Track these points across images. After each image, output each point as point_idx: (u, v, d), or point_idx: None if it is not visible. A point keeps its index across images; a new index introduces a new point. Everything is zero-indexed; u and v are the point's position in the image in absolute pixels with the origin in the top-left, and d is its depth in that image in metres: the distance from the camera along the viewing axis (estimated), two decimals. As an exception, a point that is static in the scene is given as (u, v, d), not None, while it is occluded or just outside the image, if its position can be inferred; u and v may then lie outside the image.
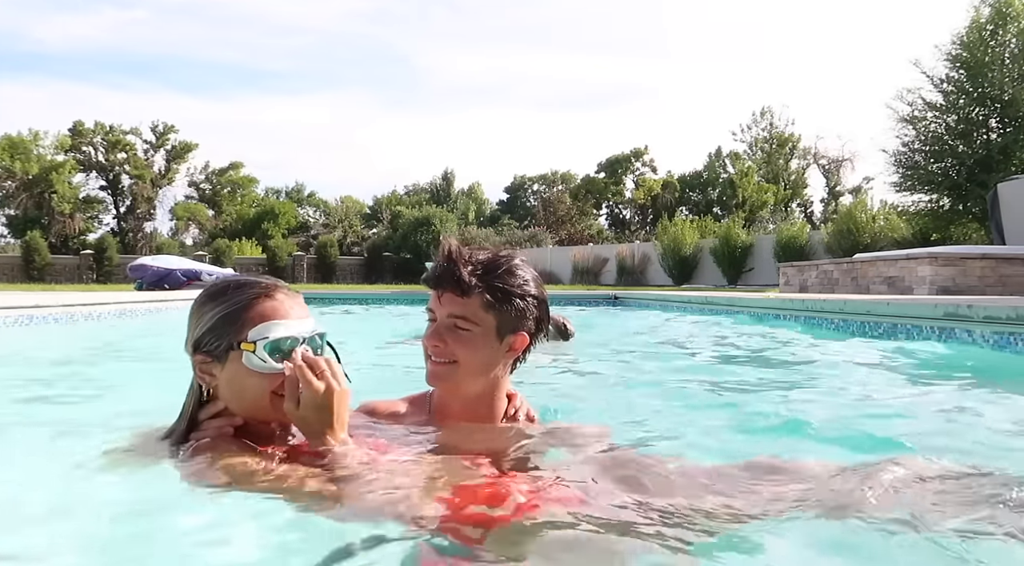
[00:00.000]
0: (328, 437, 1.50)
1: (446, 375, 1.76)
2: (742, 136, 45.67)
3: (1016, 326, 4.35)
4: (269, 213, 41.82)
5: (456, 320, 1.73)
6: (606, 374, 4.10)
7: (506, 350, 1.78)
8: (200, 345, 1.56)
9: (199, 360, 1.57)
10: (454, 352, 1.73)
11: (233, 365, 1.54)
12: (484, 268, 1.74)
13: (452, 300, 1.73)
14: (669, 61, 76.42)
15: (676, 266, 24.16)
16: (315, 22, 70.22)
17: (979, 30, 17.90)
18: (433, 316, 1.77)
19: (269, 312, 1.55)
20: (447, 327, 1.73)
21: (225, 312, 1.55)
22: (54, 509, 1.46)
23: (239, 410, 1.57)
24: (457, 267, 1.72)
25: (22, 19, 60.82)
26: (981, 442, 2.33)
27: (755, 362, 4.78)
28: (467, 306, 1.72)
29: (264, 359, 1.51)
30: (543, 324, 1.84)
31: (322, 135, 74.58)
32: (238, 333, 1.53)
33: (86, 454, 1.64)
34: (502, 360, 1.79)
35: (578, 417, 2.47)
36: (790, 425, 2.52)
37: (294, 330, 1.55)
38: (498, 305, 1.73)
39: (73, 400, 3.19)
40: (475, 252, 1.77)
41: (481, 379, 1.78)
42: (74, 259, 31.59)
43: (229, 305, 1.56)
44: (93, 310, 8.04)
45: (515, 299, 1.75)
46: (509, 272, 1.76)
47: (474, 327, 1.72)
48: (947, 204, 18.39)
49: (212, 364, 1.56)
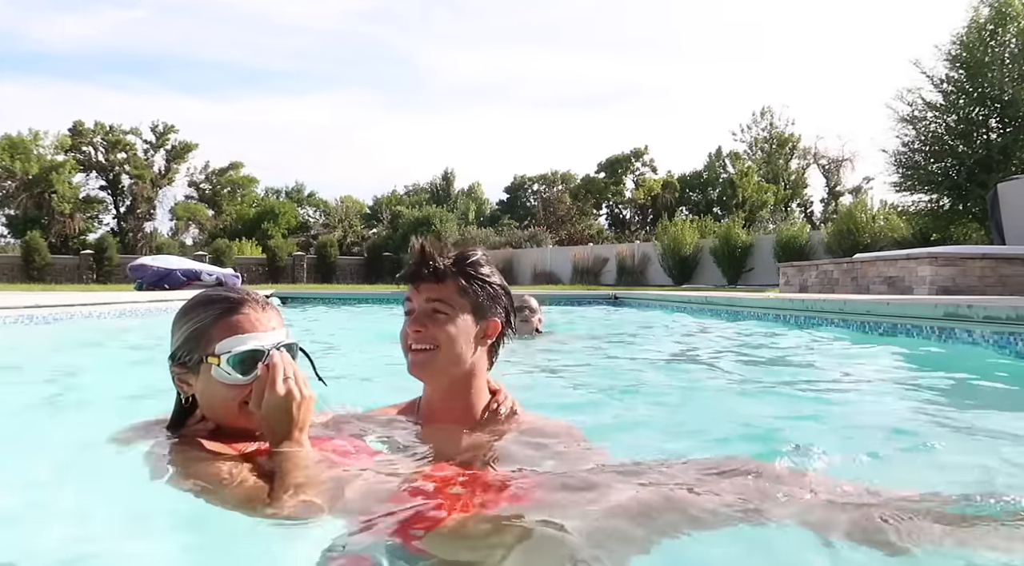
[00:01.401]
0: (286, 440, 1.59)
1: (427, 361, 1.86)
2: (742, 136, 45.70)
3: (1016, 326, 4.35)
4: (269, 213, 41.79)
5: (435, 303, 1.86)
6: (606, 374, 4.10)
7: (481, 335, 1.90)
8: (176, 357, 1.68)
9: (177, 371, 1.69)
10: (435, 336, 1.84)
11: (204, 376, 1.65)
12: (456, 258, 1.91)
13: (429, 287, 1.87)
14: (669, 61, 76.54)
15: (676, 266, 24.16)
16: (315, 22, 70.26)
17: (979, 30, 17.89)
18: (411, 306, 1.89)
19: (234, 326, 1.64)
20: (426, 313, 1.86)
21: (195, 327, 1.66)
22: (54, 511, 1.47)
23: (212, 417, 1.69)
24: (432, 257, 1.88)
25: (22, 19, 60.85)
26: (981, 442, 2.33)
27: (754, 362, 4.78)
28: (444, 290, 1.87)
29: (228, 372, 1.62)
30: (511, 315, 1.98)
31: (322, 135, 74.63)
32: (206, 347, 1.63)
33: (87, 453, 1.65)
34: (478, 346, 1.91)
35: (577, 417, 2.47)
36: (789, 425, 2.52)
37: (259, 343, 1.64)
38: (471, 288, 1.88)
39: (73, 400, 3.19)
40: (444, 247, 1.94)
41: (460, 365, 1.88)
42: (74, 259, 31.58)
43: (198, 320, 1.67)
44: (93, 310, 8.05)
45: (486, 285, 1.91)
46: (478, 263, 1.93)
47: (451, 310, 1.86)
48: (947, 204, 18.37)
49: (187, 374, 1.67)
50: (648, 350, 5.67)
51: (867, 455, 2.00)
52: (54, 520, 1.51)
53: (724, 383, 3.78)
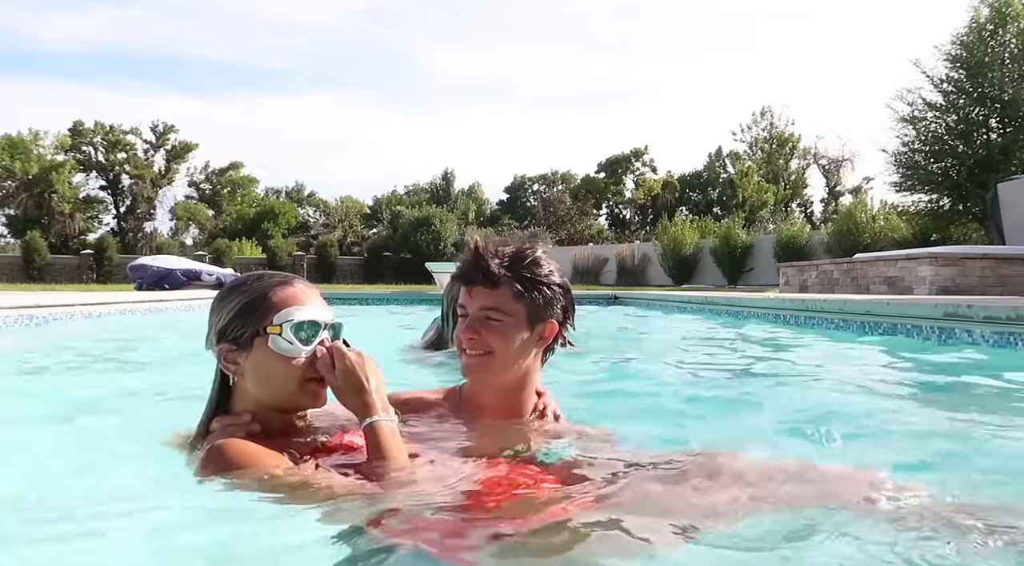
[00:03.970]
0: (366, 400, 1.57)
1: (481, 365, 1.81)
2: (742, 136, 45.68)
3: (1016, 326, 4.35)
4: (269, 213, 41.73)
5: (488, 312, 1.79)
6: (604, 374, 4.10)
7: (537, 338, 1.85)
8: (225, 334, 1.62)
9: (224, 349, 1.62)
10: (488, 343, 1.79)
11: (259, 351, 1.59)
12: (511, 260, 1.81)
13: (482, 293, 1.79)
14: (669, 61, 76.51)
15: (676, 266, 24.16)
16: (315, 21, 70.19)
17: (979, 30, 17.89)
18: (465, 311, 1.83)
19: (291, 298, 1.62)
20: (480, 320, 1.79)
21: (248, 298, 1.62)
22: (52, 509, 1.46)
23: (265, 396, 1.62)
24: (485, 261, 1.79)
25: (21, 19, 60.82)
26: (981, 442, 2.33)
27: (754, 362, 4.78)
28: (497, 297, 1.79)
29: (291, 341, 1.58)
30: (569, 312, 1.90)
31: (322, 135, 74.52)
32: (263, 318, 1.59)
33: (85, 452, 1.64)
34: (534, 349, 1.85)
35: (578, 419, 2.47)
36: (789, 425, 2.52)
37: (317, 315, 1.63)
38: (527, 294, 1.80)
39: (72, 400, 3.18)
40: (501, 246, 1.85)
41: (514, 369, 1.84)
42: (74, 259, 31.56)
43: (252, 292, 1.63)
44: (93, 310, 8.05)
45: (543, 287, 1.82)
46: (535, 263, 1.83)
47: (505, 317, 1.79)
48: (947, 204, 18.38)
49: (237, 353, 1.61)
50: (647, 350, 5.66)
51: (866, 455, 2.00)
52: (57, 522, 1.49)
53: (723, 383, 3.78)
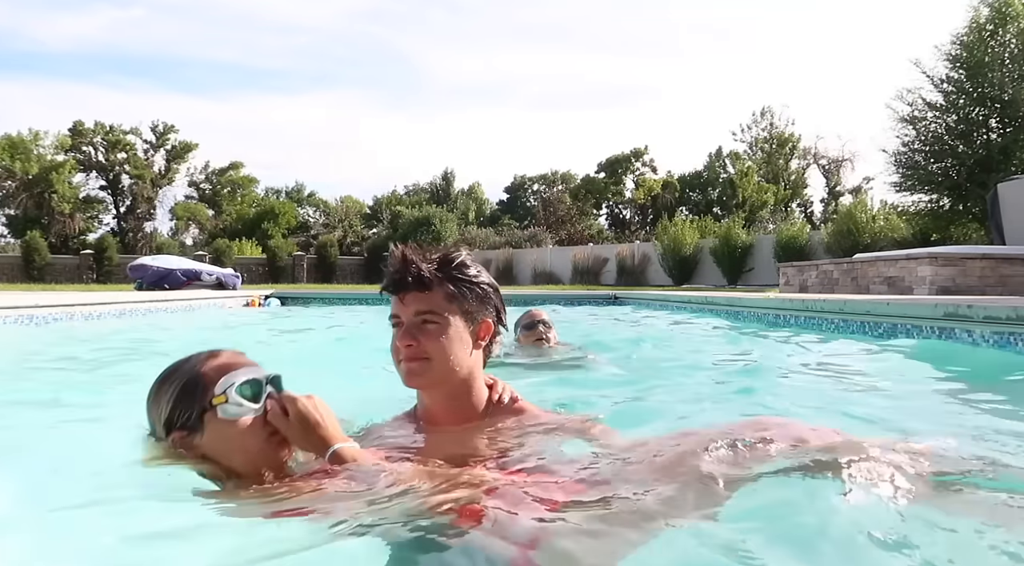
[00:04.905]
0: (322, 434, 1.58)
1: (422, 371, 1.79)
2: (742, 136, 45.71)
3: (1016, 326, 4.35)
4: (269, 213, 41.76)
5: (424, 315, 1.78)
6: (603, 374, 4.09)
7: (474, 339, 1.85)
8: (172, 423, 1.61)
9: (177, 438, 1.60)
10: (426, 348, 1.77)
11: (212, 426, 1.59)
12: (440, 263, 1.82)
13: (416, 298, 1.78)
14: (669, 61, 76.52)
15: (676, 266, 24.16)
16: (315, 21, 70.30)
17: (979, 30, 17.89)
18: (398, 320, 1.81)
19: (224, 366, 1.63)
20: (416, 325, 1.78)
21: (184, 381, 1.62)
22: (49, 514, 1.46)
23: (239, 464, 1.60)
24: (416, 265, 1.79)
25: (21, 19, 60.85)
26: (981, 443, 2.32)
27: (754, 362, 4.77)
28: (431, 300, 1.78)
29: (239, 403, 1.59)
30: (501, 313, 1.92)
31: (322, 135, 74.67)
32: (205, 394, 1.59)
33: (85, 452, 1.64)
34: (472, 349, 1.85)
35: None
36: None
37: (255, 373, 1.64)
38: (459, 294, 1.80)
39: (71, 400, 3.18)
40: (426, 251, 1.85)
41: (456, 371, 1.82)
42: (74, 259, 31.57)
43: (184, 375, 1.63)
44: (93, 310, 8.04)
45: (474, 287, 1.83)
46: (463, 264, 1.84)
47: (441, 319, 1.79)
48: (947, 204, 18.38)
49: (190, 437, 1.60)
50: (647, 350, 5.66)
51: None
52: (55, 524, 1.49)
53: (723, 383, 3.78)
